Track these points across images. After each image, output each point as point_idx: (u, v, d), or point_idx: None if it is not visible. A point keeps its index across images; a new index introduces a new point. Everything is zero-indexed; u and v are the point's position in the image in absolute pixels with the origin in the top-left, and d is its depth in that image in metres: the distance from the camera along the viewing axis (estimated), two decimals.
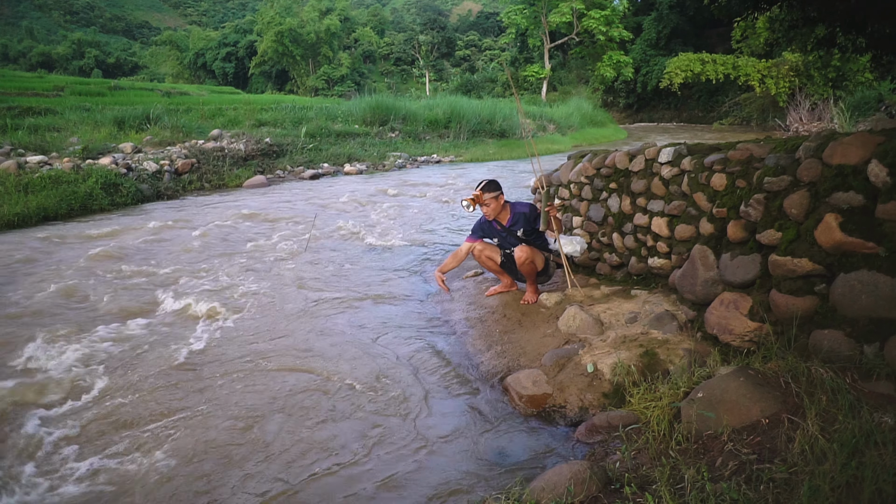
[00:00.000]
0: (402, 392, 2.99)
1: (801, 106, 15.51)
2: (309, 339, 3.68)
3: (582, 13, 32.85)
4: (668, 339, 2.95)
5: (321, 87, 48.39)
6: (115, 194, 8.44)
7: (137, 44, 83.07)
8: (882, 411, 1.80)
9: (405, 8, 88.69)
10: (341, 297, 4.48)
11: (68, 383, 3.01)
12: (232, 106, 18.04)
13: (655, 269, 3.61)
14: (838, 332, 2.22)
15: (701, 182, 3.14)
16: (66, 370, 3.15)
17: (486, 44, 66.07)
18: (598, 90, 37.60)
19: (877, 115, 13.01)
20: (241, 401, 2.87)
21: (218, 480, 2.26)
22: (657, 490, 1.74)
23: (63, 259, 5.34)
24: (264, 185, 10.81)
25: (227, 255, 5.63)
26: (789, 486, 1.60)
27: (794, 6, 4.26)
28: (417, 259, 5.71)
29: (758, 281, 2.66)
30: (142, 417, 2.70)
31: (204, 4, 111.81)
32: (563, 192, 4.71)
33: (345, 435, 2.58)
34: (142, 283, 4.72)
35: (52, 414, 2.73)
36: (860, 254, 2.20)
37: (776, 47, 24.23)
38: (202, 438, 2.53)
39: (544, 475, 1.99)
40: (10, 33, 73.73)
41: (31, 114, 13.00)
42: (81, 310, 4.10)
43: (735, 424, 1.97)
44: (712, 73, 28.75)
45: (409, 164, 14.47)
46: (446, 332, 3.83)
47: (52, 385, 2.97)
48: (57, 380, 3.03)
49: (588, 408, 2.71)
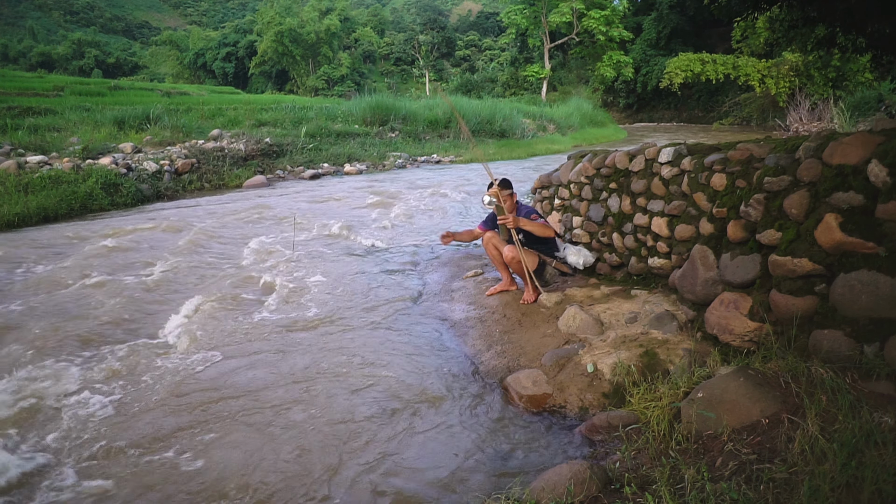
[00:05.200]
0: (401, 392, 2.99)
1: (801, 106, 15.49)
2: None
3: (582, 13, 32.85)
4: (668, 339, 2.95)
5: (321, 87, 48.40)
6: (115, 194, 8.45)
7: (137, 44, 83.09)
8: (882, 411, 1.80)
9: (405, 8, 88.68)
10: (339, 296, 4.48)
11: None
12: (232, 106, 18.05)
13: (655, 269, 3.61)
14: (838, 332, 2.22)
15: (701, 182, 3.14)
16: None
17: (486, 44, 66.07)
18: (598, 90, 37.60)
19: (877, 115, 12.99)
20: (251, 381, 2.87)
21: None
22: (657, 490, 1.74)
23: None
24: (264, 185, 10.81)
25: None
26: (789, 486, 1.60)
27: (794, 6, 4.26)
28: (417, 259, 5.71)
29: (758, 281, 2.66)
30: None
31: (204, 4, 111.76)
32: (563, 192, 4.72)
33: (312, 451, 2.49)
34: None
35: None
36: (860, 254, 2.20)
37: (776, 47, 24.24)
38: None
39: (544, 475, 1.99)
40: (10, 33, 73.72)
41: (31, 114, 13.01)
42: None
43: (735, 424, 1.97)
44: (712, 73, 28.75)
45: (410, 164, 14.47)
46: (446, 331, 3.83)
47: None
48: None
49: (588, 408, 2.71)
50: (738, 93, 29.98)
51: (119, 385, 3.02)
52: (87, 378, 3.07)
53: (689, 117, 34.08)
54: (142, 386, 3.02)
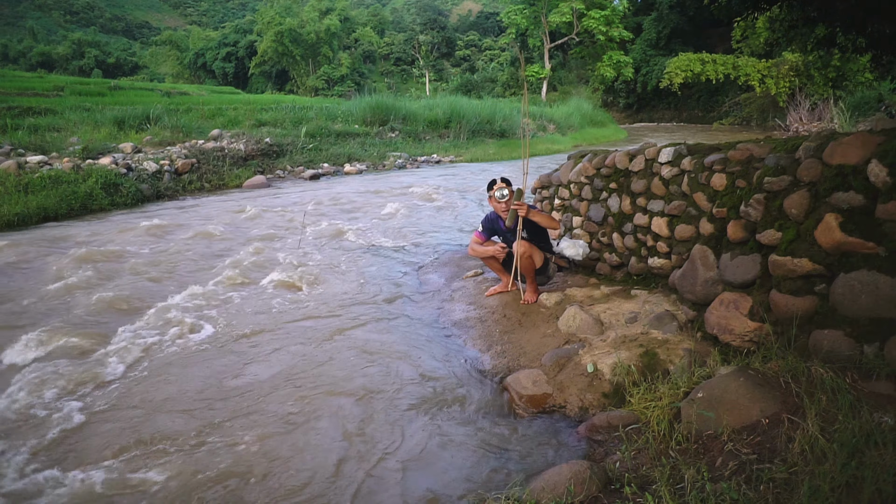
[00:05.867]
0: (400, 391, 2.99)
1: (801, 106, 15.51)
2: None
3: (582, 13, 32.85)
4: (668, 339, 2.95)
5: (321, 87, 48.39)
6: (115, 194, 8.44)
7: (137, 44, 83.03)
8: (882, 411, 1.80)
9: (405, 8, 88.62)
10: (340, 296, 4.48)
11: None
12: (232, 106, 18.03)
13: (655, 269, 3.61)
14: (838, 332, 2.22)
15: (701, 182, 3.14)
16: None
17: (486, 44, 66.04)
18: (598, 90, 37.61)
19: (877, 115, 13.00)
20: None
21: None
22: (657, 490, 1.74)
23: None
24: (264, 185, 10.80)
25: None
26: (789, 486, 1.60)
27: (794, 6, 4.26)
28: (417, 258, 5.71)
29: (758, 281, 2.66)
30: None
31: (204, 4, 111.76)
32: (563, 191, 4.72)
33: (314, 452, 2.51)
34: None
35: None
36: (860, 254, 2.20)
37: (776, 47, 24.24)
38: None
39: (544, 475, 1.99)
40: (10, 33, 73.71)
41: (31, 114, 13.00)
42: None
43: (735, 424, 1.97)
44: (712, 73, 28.78)
45: (410, 164, 14.47)
46: (445, 331, 3.83)
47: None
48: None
49: (588, 408, 2.71)
50: (738, 93, 30.00)
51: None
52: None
53: (689, 117, 34.08)
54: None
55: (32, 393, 2.88)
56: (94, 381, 3.05)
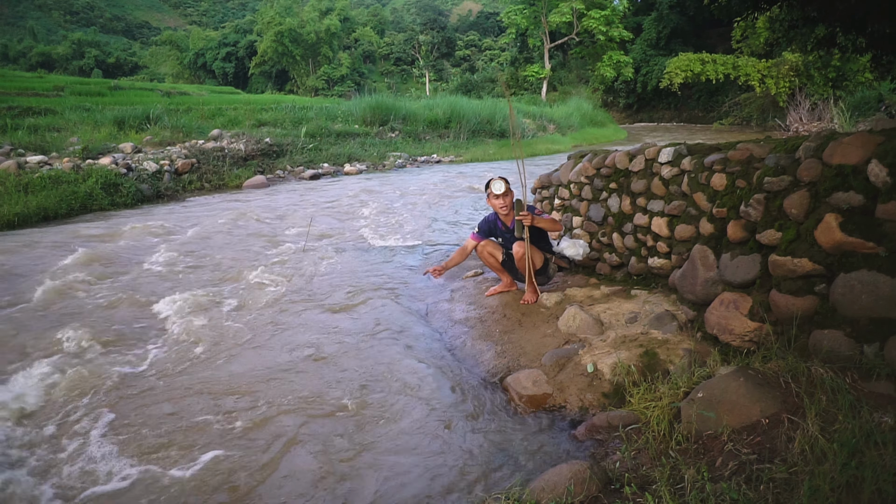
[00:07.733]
0: (400, 391, 2.99)
1: (801, 106, 15.50)
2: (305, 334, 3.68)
3: (582, 13, 32.84)
4: (668, 339, 2.95)
5: (321, 87, 48.42)
6: (115, 194, 8.45)
7: (137, 44, 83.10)
8: (882, 411, 1.80)
9: (405, 8, 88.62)
10: (339, 296, 4.48)
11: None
12: (232, 106, 18.04)
13: (655, 269, 3.61)
14: (838, 332, 2.22)
15: (701, 182, 3.14)
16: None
17: (486, 44, 66.09)
18: (598, 90, 37.59)
19: (877, 115, 13.00)
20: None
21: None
22: (657, 490, 1.74)
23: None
24: (264, 185, 10.81)
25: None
26: (789, 486, 1.60)
27: (794, 6, 4.26)
28: (417, 258, 5.71)
29: (758, 281, 2.66)
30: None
31: (204, 4, 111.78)
32: (563, 192, 4.72)
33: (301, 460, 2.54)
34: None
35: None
36: (860, 254, 2.20)
37: (776, 47, 24.26)
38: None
39: (544, 475, 1.99)
40: (10, 33, 73.74)
41: (31, 114, 13.01)
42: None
43: (735, 424, 1.97)
44: (712, 73, 28.78)
45: (409, 164, 14.48)
46: (445, 331, 3.83)
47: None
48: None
49: (588, 408, 2.71)
50: (738, 93, 29.99)
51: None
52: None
53: (689, 117, 34.08)
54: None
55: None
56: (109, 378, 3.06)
